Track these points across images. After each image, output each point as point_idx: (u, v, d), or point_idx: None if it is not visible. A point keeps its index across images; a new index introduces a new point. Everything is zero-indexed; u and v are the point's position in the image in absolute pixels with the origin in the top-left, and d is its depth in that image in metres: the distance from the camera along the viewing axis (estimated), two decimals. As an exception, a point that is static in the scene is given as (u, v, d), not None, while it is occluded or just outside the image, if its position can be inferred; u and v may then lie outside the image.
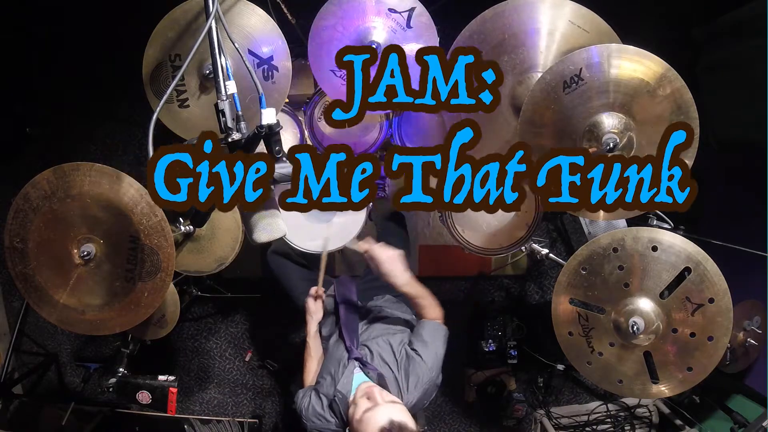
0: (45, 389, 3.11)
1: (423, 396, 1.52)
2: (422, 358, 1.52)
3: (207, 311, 3.08)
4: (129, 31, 1.82)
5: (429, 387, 1.52)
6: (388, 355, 1.57)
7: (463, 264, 3.01)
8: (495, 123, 1.55)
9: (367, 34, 1.56)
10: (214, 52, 1.23)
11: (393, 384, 1.51)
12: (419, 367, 1.51)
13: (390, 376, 1.52)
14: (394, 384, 1.51)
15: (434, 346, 1.56)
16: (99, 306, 1.45)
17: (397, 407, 1.39)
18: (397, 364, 1.54)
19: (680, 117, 1.31)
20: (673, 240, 1.45)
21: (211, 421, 2.92)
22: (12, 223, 1.38)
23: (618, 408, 2.98)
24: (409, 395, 1.49)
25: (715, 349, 1.45)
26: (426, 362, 1.51)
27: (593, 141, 1.35)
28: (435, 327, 1.61)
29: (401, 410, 1.38)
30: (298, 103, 2.03)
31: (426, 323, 1.62)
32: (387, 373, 1.52)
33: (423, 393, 1.51)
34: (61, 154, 2.90)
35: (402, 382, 1.51)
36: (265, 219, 1.22)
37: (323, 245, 1.85)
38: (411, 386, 1.50)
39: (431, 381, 1.53)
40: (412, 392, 1.50)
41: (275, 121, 1.13)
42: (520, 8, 1.43)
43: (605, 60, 1.31)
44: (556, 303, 1.56)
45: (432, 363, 1.53)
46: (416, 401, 1.50)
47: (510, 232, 2.04)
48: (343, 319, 1.74)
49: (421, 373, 1.50)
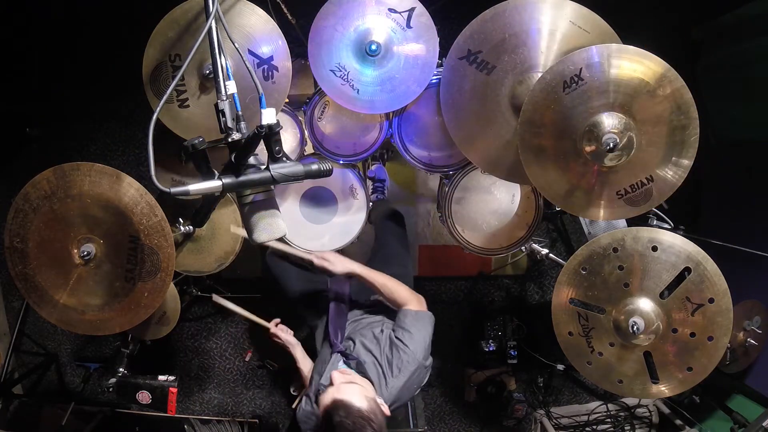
0: (45, 389, 3.11)
1: (411, 379, 1.53)
2: (405, 343, 1.54)
3: (207, 311, 3.09)
4: (129, 31, 1.82)
5: (416, 370, 1.53)
6: (370, 343, 1.59)
7: (463, 264, 3.01)
8: (495, 123, 1.55)
9: (367, 34, 1.55)
10: (214, 52, 1.23)
11: (373, 369, 1.52)
12: (402, 352, 1.53)
13: (371, 361, 1.54)
14: (374, 369, 1.52)
15: (417, 333, 1.57)
16: (99, 306, 1.45)
17: (349, 387, 1.40)
18: (380, 351, 1.56)
19: (680, 117, 1.32)
20: (673, 240, 1.44)
21: (211, 421, 2.92)
22: (12, 223, 1.38)
23: (618, 408, 2.98)
24: (395, 379, 1.51)
25: (715, 349, 1.45)
26: (409, 347, 1.53)
27: (593, 141, 1.35)
28: (414, 315, 1.62)
29: (351, 390, 1.39)
30: (298, 103, 2.03)
31: (406, 312, 1.63)
32: (369, 359, 1.54)
33: (410, 376, 1.52)
34: (61, 154, 2.92)
35: (385, 367, 1.52)
36: (265, 219, 1.22)
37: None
38: (395, 371, 1.51)
39: (417, 364, 1.53)
40: (397, 376, 1.51)
41: (275, 121, 1.12)
42: (520, 8, 1.43)
43: (605, 60, 1.31)
44: (556, 303, 1.56)
45: (415, 347, 1.53)
46: (405, 383, 1.51)
47: (510, 232, 2.04)
48: (332, 316, 1.77)
49: (405, 358, 1.52)
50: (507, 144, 1.56)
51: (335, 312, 1.79)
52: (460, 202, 2.01)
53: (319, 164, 1.23)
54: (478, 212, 2.04)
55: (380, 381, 1.50)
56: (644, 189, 1.41)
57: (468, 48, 1.48)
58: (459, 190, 1.96)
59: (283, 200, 2.02)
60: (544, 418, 2.95)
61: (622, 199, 1.43)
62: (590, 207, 1.47)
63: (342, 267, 1.70)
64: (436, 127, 1.88)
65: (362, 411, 1.33)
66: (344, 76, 1.59)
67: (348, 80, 1.60)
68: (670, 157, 1.36)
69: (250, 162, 1.16)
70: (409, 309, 1.63)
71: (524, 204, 2.02)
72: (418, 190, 2.96)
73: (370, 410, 1.34)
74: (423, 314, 1.63)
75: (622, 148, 1.34)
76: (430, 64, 1.59)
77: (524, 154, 1.44)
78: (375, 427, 1.32)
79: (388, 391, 1.49)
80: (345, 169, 2.02)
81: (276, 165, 1.16)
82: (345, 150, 1.99)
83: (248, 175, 1.15)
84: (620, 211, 1.47)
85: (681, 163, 1.36)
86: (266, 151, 1.16)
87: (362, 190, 2.05)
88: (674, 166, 1.36)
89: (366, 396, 1.39)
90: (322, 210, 2.07)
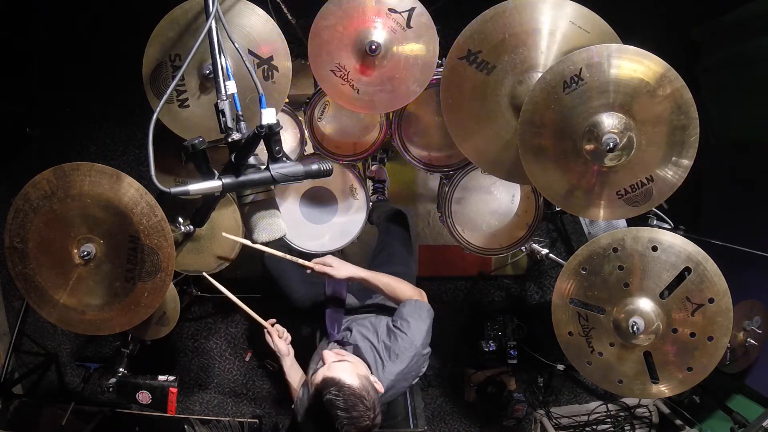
0: (45, 389, 3.11)
1: (409, 366, 1.54)
2: (403, 331, 1.55)
3: (207, 311, 3.08)
4: (129, 31, 1.82)
5: (414, 356, 1.54)
6: (367, 331, 1.61)
7: (463, 264, 3.01)
8: (495, 123, 1.55)
9: (367, 34, 1.55)
10: (214, 52, 1.23)
11: (370, 353, 1.53)
12: (401, 339, 1.53)
13: (367, 347, 1.55)
14: (371, 353, 1.53)
15: (415, 321, 1.57)
16: (99, 306, 1.45)
17: (340, 365, 1.41)
18: (377, 337, 1.57)
19: (680, 117, 1.32)
20: (673, 240, 1.44)
21: (211, 421, 2.92)
22: (12, 223, 1.38)
23: (618, 408, 2.98)
24: (393, 364, 1.51)
25: (715, 349, 1.45)
26: (408, 335, 1.54)
27: (593, 141, 1.35)
28: (413, 304, 1.63)
29: (342, 367, 1.39)
30: (298, 103, 2.03)
31: (406, 303, 1.64)
32: (365, 345, 1.55)
33: (408, 362, 1.53)
34: (61, 154, 2.92)
35: (382, 352, 1.53)
36: (265, 219, 1.22)
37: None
38: (392, 356, 1.52)
39: (415, 351, 1.54)
40: (395, 362, 1.52)
41: (275, 121, 1.13)
42: (520, 8, 1.43)
43: (605, 60, 1.31)
44: (556, 303, 1.56)
45: (413, 334, 1.54)
46: (402, 370, 1.52)
47: (510, 232, 2.04)
48: (329, 313, 1.78)
49: (402, 344, 1.53)
50: (507, 144, 1.56)
51: (333, 309, 1.80)
52: (460, 202, 2.01)
53: (319, 164, 1.23)
54: (478, 212, 2.04)
55: (377, 365, 1.51)
56: (644, 189, 1.41)
57: (468, 48, 1.47)
58: (459, 190, 1.96)
59: (283, 200, 2.02)
60: (544, 418, 2.95)
61: (622, 199, 1.43)
62: (590, 207, 1.47)
63: (345, 273, 1.68)
64: (436, 127, 1.88)
65: (353, 388, 1.32)
66: (344, 76, 1.59)
67: (348, 80, 1.60)
68: (670, 157, 1.36)
69: (250, 162, 1.16)
70: (410, 300, 1.64)
71: (524, 204, 2.02)
72: (418, 190, 2.96)
73: (361, 387, 1.34)
74: (422, 304, 1.64)
75: (622, 148, 1.34)
76: (430, 64, 1.59)
77: (524, 154, 1.43)
78: (367, 404, 1.31)
79: (384, 375, 1.50)
80: (345, 169, 2.02)
81: (276, 165, 1.16)
82: (345, 150, 1.99)
83: (248, 175, 1.15)
84: (620, 211, 1.46)
85: (681, 163, 1.36)
86: (266, 151, 1.16)
87: (362, 190, 2.05)
88: (674, 166, 1.36)
89: (358, 373, 1.39)
90: (322, 210, 2.07)
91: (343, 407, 1.28)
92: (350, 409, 1.28)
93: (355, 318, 1.78)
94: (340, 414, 1.28)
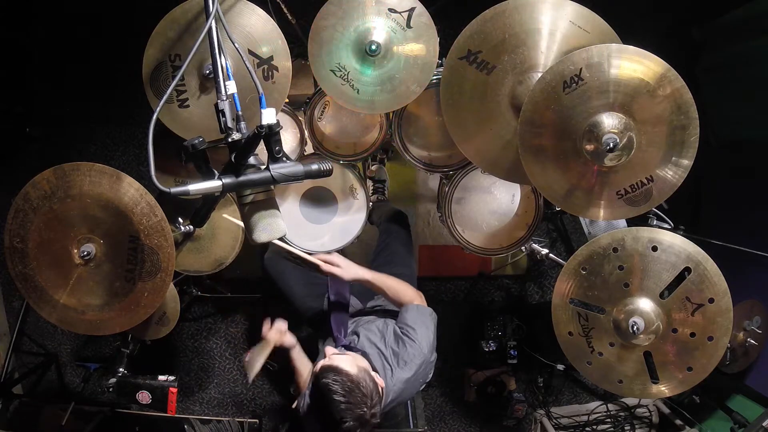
0: (45, 389, 3.11)
1: (417, 373, 1.53)
2: (411, 337, 1.54)
3: (207, 311, 3.08)
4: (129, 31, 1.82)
5: (423, 364, 1.54)
6: (374, 336, 1.60)
7: (463, 264, 3.01)
8: (495, 123, 1.55)
9: (367, 34, 1.55)
10: (214, 52, 1.23)
11: (378, 359, 1.52)
12: (409, 346, 1.53)
13: (375, 353, 1.54)
14: (379, 360, 1.52)
15: (421, 327, 1.57)
16: (99, 306, 1.45)
17: (341, 356, 1.42)
18: (385, 344, 1.56)
19: (680, 117, 1.32)
20: (673, 240, 1.44)
21: (211, 421, 2.92)
22: (12, 223, 1.38)
23: (618, 408, 2.98)
24: (401, 371, 1.51)
25: (715, 349, 1.45)
26: (415, 341, 1.53)
27: (593, 141, 1.35)
28: (416, 310, 1.63)
29: (342, 358, 1.40)
30: (298, 103, 2.03)
31: (408, 308, 1.64)
32: (373, 351, 1.54)
33: (416, 369, 1.52)
34: (61, 154, 2.91)
35: (390, 359, 1.53)
36: (265, 219, 1.22)
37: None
38: (401, 363, 1.52)
39: (423, 358, 1.54)
40: (403, 368, 1.51)
41: (275, 121, 1.13)
42: (520, 8, 1.43)
43: (605, 60, 1.31)
44: (556, 303, 1.56)
45: (421, 341, 1.54)
46: (410, 377, 1.52)
47: (510, 232, 2.04)
48: (333, 314, 1.77)
49: (411, 351, 1.52)
50: (507, 144, 1.56)
51: (337, 312, 1.78)
52: (460, 202, 2.01)
53: (319, 164, 1.23)
54: (478, 212, 2.04)
55: (385, 371, 1.50)
56: (644, 189, 1.41)
57: (468, 48, 1.47)
58: (459, 190, 1.96)
59: (283, 200, 2.02)
60: (544, 418, 2.95)
61: (622, 199, 1.43)
62: (590, 207, 1.47)
63: (352, 274, 1.67)
64: (436, 127, 1.88)
65: (351, 374, 1.32)
66: (344, 76, 1.59)
67: (348, 80, 1.60)
68: (670, 157, 1.36)
69: (250, 162, 1.16)
70: (412, 305, 1.64)
71: (524, 204, 2.02)
72: (418, 190, 2.96)
73: (360, 376, 1.34)
74: (425, 309, 1.64)
75: (622, 148, 1.34)
76: (430, 64, 1.59)
77: (524, 154, 1.44)
78: (364, 391, 1.31)
79: (392, 382, 1.49)
80: (345, 169, 2.02)
81: (276, 165, 1.16)
82: (345, 150, 1.99)
83: (248, 175, 1.15)
84: (620, 211, 1.47)
85: (681, 163, 1.36)
86: (266, 151, 1.16)
87: (362, 190, 2.05)
88: (674, 166, 1.36)
89: (357, 365, 1.39)
90: (322, 210, 2.07)
91: (341, 392, 1.28)
92: (347, 394, 1.29)
93: (360, 320, 1.78)
94: (336, 398, 1.28)
